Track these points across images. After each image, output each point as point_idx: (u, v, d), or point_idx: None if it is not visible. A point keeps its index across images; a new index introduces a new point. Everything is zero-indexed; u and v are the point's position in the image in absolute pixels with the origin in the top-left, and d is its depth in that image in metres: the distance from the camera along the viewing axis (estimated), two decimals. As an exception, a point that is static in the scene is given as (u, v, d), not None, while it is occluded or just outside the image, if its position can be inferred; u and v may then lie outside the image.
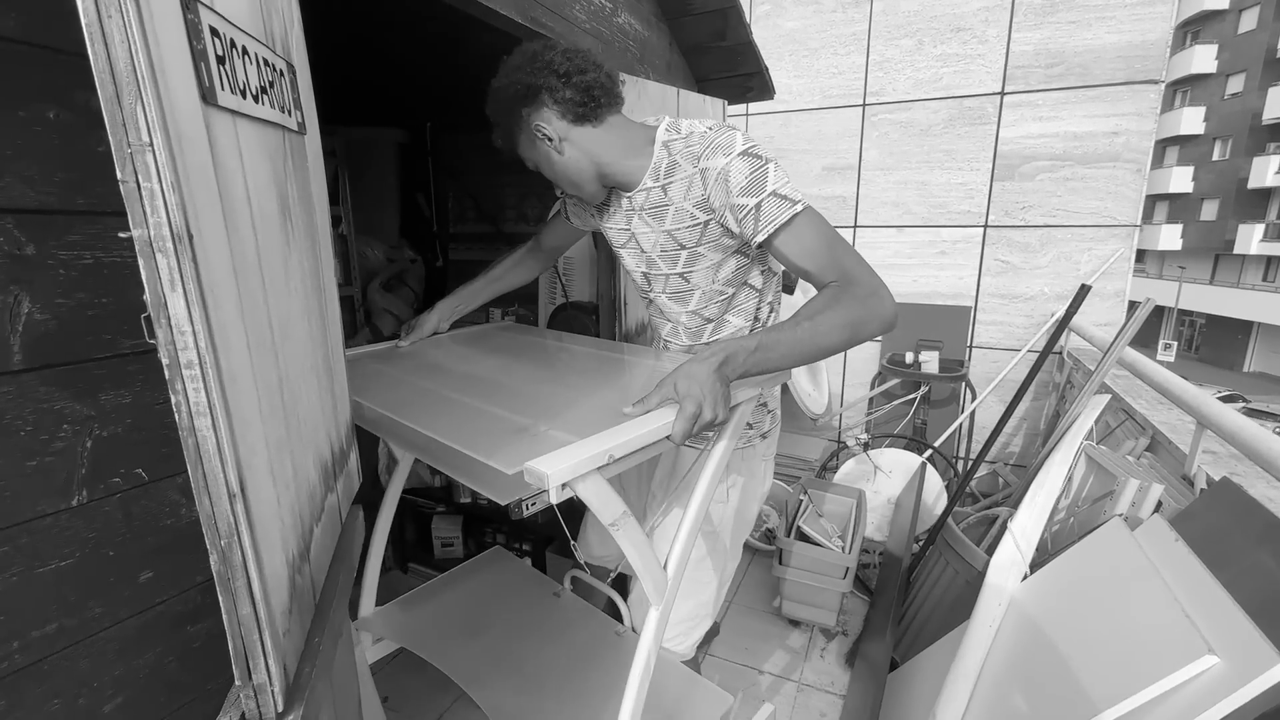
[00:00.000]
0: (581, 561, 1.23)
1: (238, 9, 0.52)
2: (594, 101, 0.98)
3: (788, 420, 3.47)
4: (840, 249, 0.93)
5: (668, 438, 0.79)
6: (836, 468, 2.86)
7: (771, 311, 1.14)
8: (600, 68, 0.99)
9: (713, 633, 2.10)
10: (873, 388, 3.09)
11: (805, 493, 2.53)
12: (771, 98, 1.99)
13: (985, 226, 2.92)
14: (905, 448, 2.84)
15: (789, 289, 2.56)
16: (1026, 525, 1.65)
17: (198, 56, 0.43)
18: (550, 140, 0.99)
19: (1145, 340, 17.48)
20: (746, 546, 2.70)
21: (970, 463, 2.31)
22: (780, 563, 2.13)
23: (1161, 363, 1.86)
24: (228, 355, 0.44)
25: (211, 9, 0.46)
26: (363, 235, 2.30)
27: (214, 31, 0.46)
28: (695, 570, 1.18)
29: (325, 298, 0.73)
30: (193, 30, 0.43)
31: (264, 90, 0.56)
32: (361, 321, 2.32)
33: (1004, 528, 1.72)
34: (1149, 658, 1.09)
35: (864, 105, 3.04)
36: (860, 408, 3.28)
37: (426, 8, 1.17)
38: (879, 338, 2.74)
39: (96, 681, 0.64)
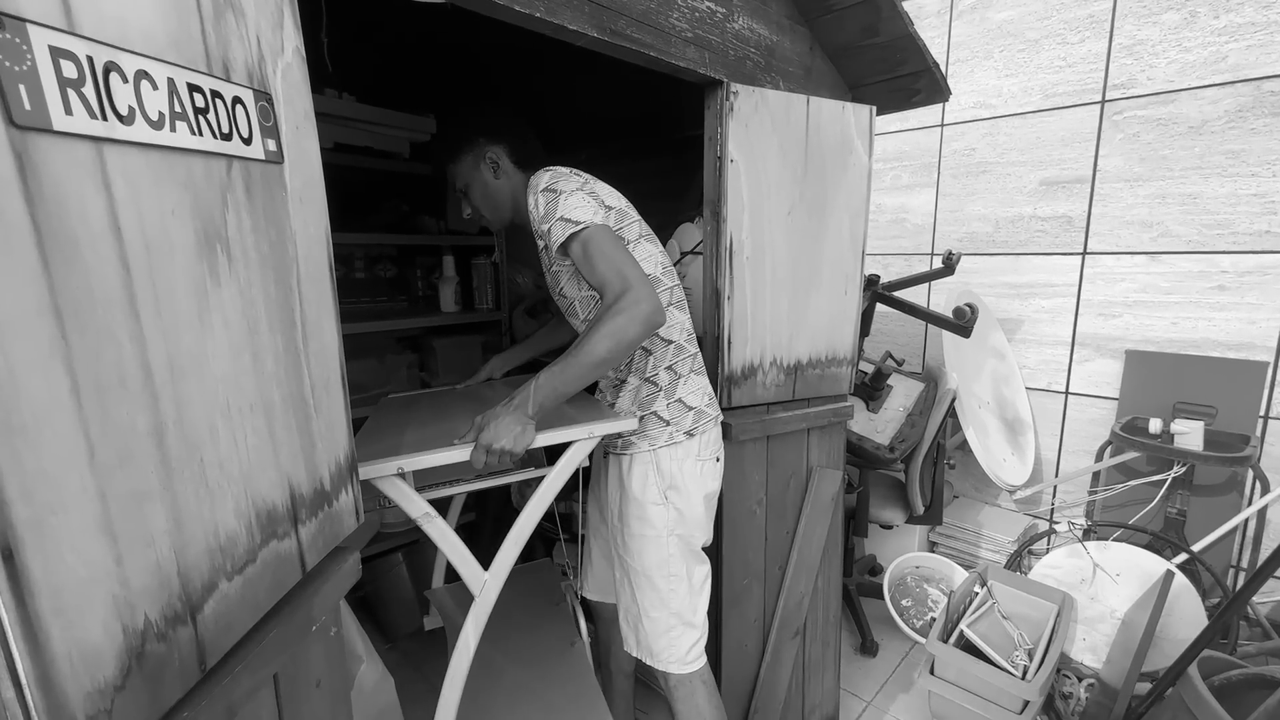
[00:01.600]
0: (579, 593, 1.55)
1: (141, 33, 0.50)
2: (532, 155, 1.32)
3: (973, 486, 2.87)
4: (604, 262, 1.08)
5: (469, 462, 1.01)
6: (1038, 557, 2.25)
7: None
8: (536, 143, 1.34)
9: (835, 740, 1.75)
10: (1099, 459, 2.39)
11: (984, 584, 2.03)
12: (945, 99, 1.64)
13: (1296, 252, 2.10)
14: (1147, 546, 2.13)
15: (965, 334, 2.10)
16: (1330, 711, 1.07)
17: (9, 77, 0.40)
18: (496, 166, 1.30)
19: None
20: (904, 636, 2.25)
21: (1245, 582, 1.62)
22: (932, 672, 1.70)
23: None
24: (10, 405, 0.40)
25: (60, 30, 0.43)
26: (514, 263, 2.42)
27: (60, 52, 0.43)
28: (655, 579, 1.25)
29: (303, 333, 0.70)
30: (6, 49, 0.40)
31: (181, 116, 0.53)
32: (508, 344, 2.43)
33: (1288, 704, 1.14)
34: None
35: (1103, 102, 2.41)
36: (1083, 483, 2.57)
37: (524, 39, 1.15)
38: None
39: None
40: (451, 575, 1.71)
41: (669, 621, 1.26)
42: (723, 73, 1.29)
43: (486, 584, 1.06)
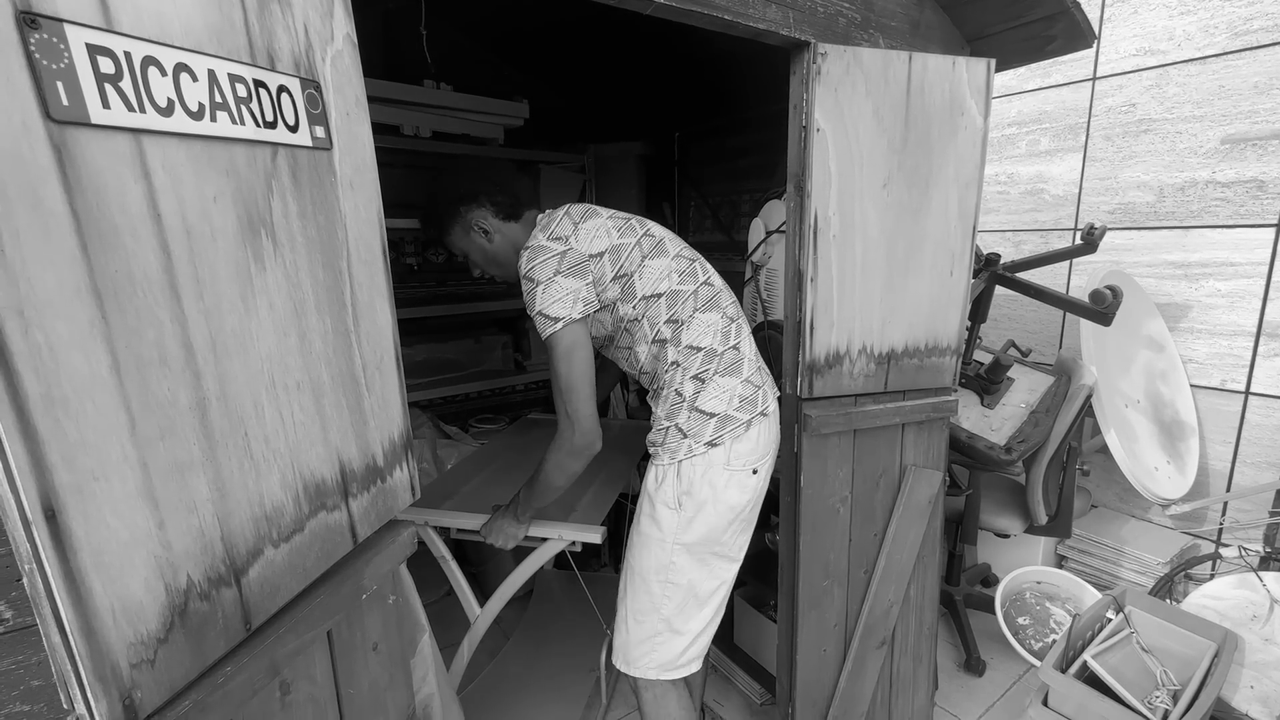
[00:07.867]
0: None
1: (181, 27, 0.52)
2: (518, 204, 1.29)
3: (1117, 496, 2.50)
4: (557, 386, 1.15)
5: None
6: (1197, 584, 1.92)
7: (643, 353, 1.27)
8: (521, 179, 1.35)
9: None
10: (1287, 475, 1.99)
11: (1120, 610, 1.76)
12: (1088, 45, 1.39)
13: None
14: (1349, 582, 1.74)
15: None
16: None
17: (48, 75, 0.43)
18: (485, 231, 1.28)
19: None
20: (1017, 657, 2.02)
21: None
22: (1046, 704, 1.51)
23: None
24: (51, 379, 0.43)
25: (98, 28, 0.46)
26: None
27: (98, 49, 0.46)
28: (650, 583, 1.19)
29: (354, 314, 0.73)
30: (43, 49, 0.43)
31: (222, 106, 0.55)
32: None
33: None
34: None
35: (1315, 36, 1.95)
36: (1263, 501, 2.15)
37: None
38: None
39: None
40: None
41: (656, 627, 1.20)
42: (809, 33, 1.18)
43: (479, 617, 1.43)
